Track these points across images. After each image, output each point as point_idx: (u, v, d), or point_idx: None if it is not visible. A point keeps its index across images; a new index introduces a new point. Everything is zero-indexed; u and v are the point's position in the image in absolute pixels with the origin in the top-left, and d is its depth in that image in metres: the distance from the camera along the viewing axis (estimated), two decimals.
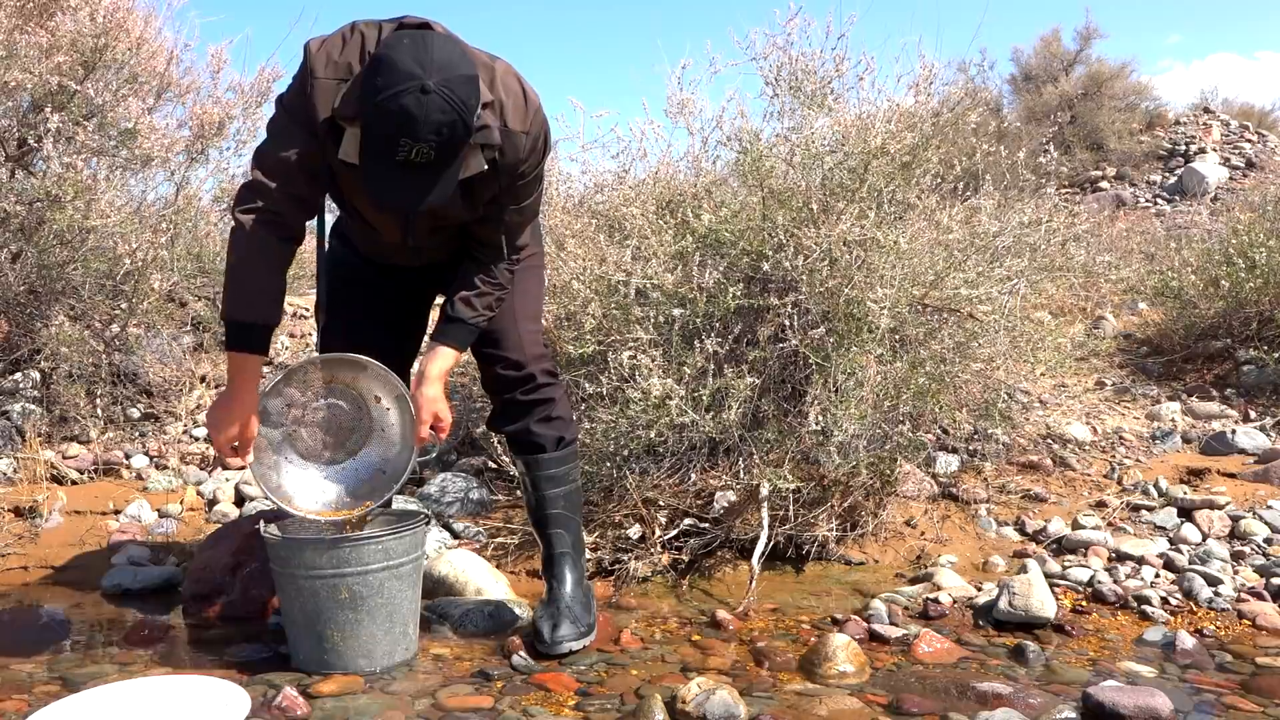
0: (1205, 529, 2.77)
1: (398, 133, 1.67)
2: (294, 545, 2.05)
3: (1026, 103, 11.82)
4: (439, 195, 1.78)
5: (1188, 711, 1.82)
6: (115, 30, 3.75)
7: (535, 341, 2.23)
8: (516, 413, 2.22)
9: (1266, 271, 4.25)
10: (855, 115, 3.13)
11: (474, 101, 1.72)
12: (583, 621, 2.16)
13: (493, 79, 1.87)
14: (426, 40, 1.71)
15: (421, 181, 1.75)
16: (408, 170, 1.72)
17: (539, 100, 1.94)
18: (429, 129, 1.66)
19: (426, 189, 1.76)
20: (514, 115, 1.88)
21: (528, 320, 2.23)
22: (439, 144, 1.69)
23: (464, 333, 2.09)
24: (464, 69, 1.72)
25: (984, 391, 3.13)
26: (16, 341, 3.66)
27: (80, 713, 1.75)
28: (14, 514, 3.03)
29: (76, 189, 3.47)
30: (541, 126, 1.94)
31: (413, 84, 1.64)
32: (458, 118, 1.68)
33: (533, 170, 1.98)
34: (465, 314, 2.07)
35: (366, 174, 1.77)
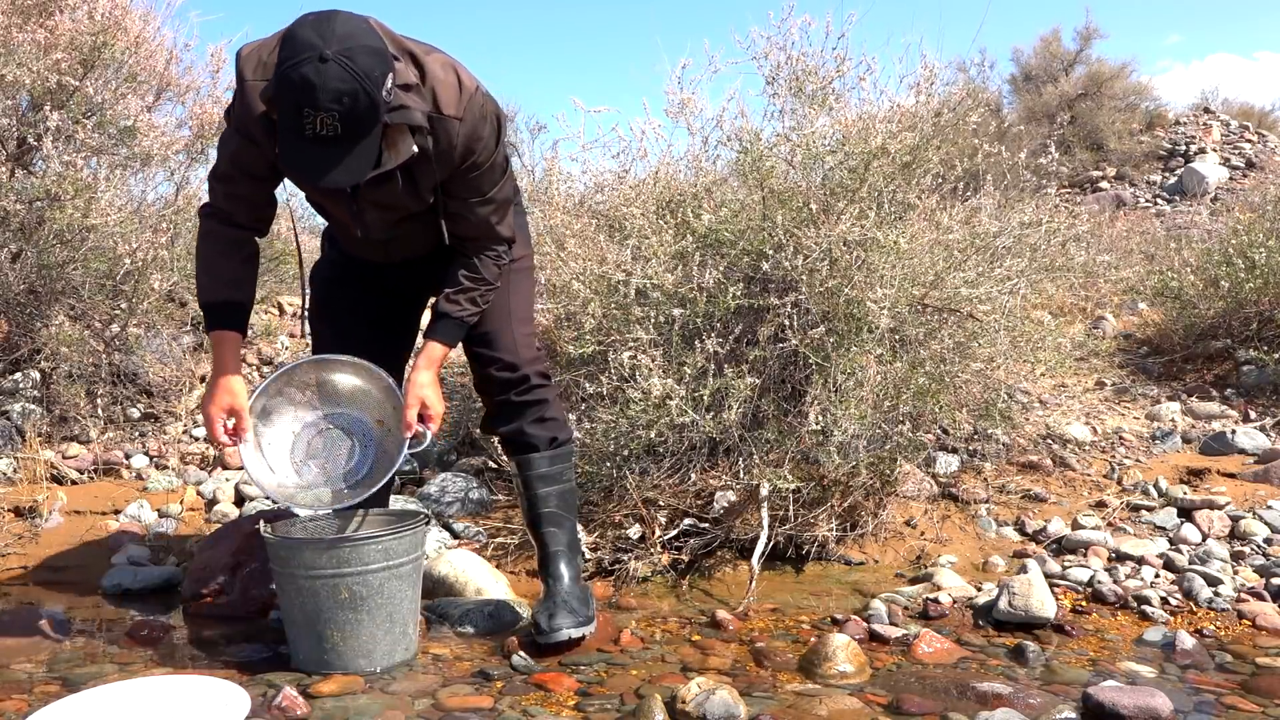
0: (1205, 529, 2.77)
1: (299, 102, 1.69)
2: (294, 545, 2.05)
3: (1026, 103, 11.82)
4: (353, 172, 1.79)
5: (1188, 711, 1.82)
6: (113, 29, 3.75)
7: (529, 344, 2.25)
8: (510, 414, 2.24)
9: (1266, 272, 4.24)
10: (856, 115, 3.12)
11: (377, 74, 1.73)
12: (581, 613, 2.16)
13: (423, 66, 1.88)
14: (330, 16, 1.74)
15: (331, 155, 1.76)
16: (317, 145, 1.74)
17: (477, 87, 1.94)
18: (328, 96, 1.67)
19: (335, 162, 1.76)
20: (446, 101, 1.89)
21: (521, 323, 2.25)
22: (342, 114, 1.70)
23: (451, 328, 2.11)
24: (366, 41, 1.73)
25: (984, 391, 3.13)
26: (16, 341, 3.66)
27: (80, 713, 1.75)
28: (14, 514, 3.03)
29: (76, 188, 3.47)
30: (481, 113, 1.93)
31: (311, 53, 1.68)
32: (358, 86, 1.69)
33: (485, 159, 1.97)
34: (450, 309, 2.09)
35: (281, 152, 1.80)
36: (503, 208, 2.09)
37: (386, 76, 1.75)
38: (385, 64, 1.76)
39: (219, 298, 2.05)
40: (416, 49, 1.91)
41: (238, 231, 2.05)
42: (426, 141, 1.90)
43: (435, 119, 1.89)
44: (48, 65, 3.52)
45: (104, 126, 3.78)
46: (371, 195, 1.99)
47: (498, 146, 2.00)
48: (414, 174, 1.95)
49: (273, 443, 2.14)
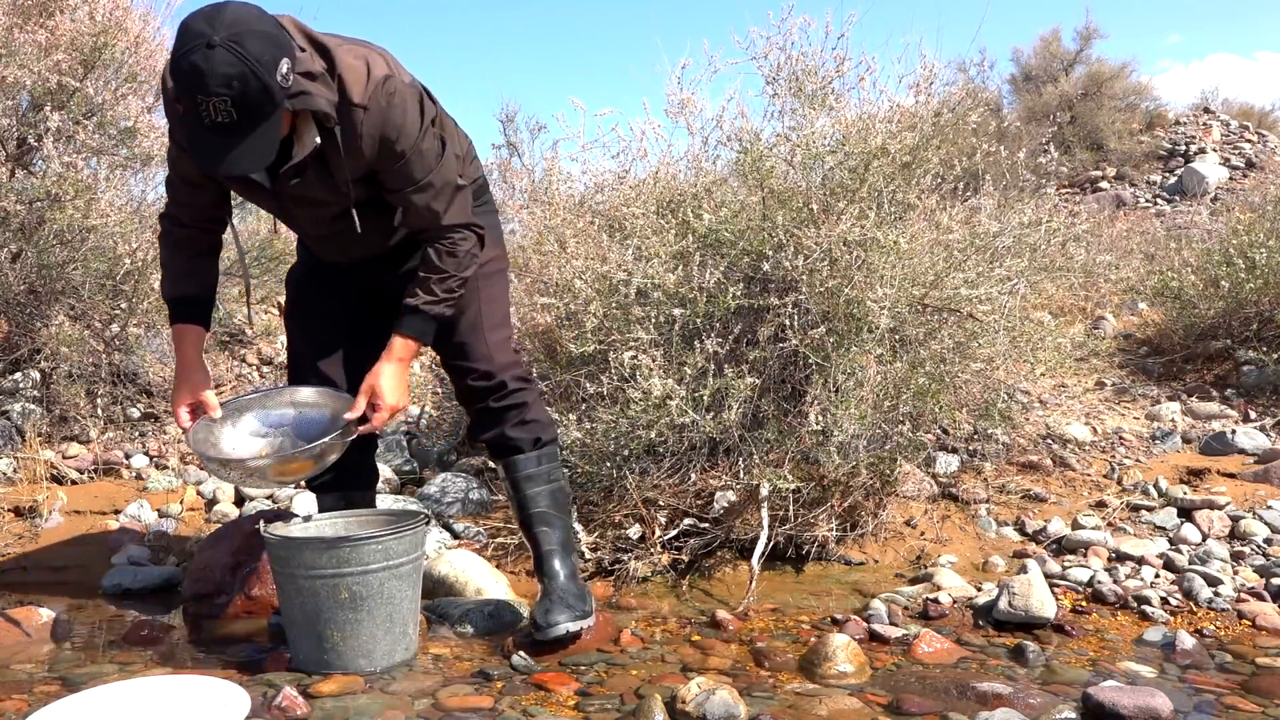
0: (1205, 529, 2.77)
1: (191, 90, 1.71)
2: (294, 545, 2.05)
3: (1026, 103, 11.82)
4: (251, 158, 1.79)
5: (1188, 712, 1.82)
6: (114, 29, 3.75)
7: (504, 349, 2.24)
8: (491, 420, 2.24)
9: (1266, 272, 4.24)
10: (856, 115, 3.12)
11: (268, 58, 1.72)
12: (578, 608, 2.15)
13: (332, 57, 1.89)
14: (222, 7, 1.75)
15: (229, 143, 1.76)
16: (216, 133, 1.75)
17: (388, 75, 1.92)
18: (217, 81, 1.68)
19: (232, 149, 1.77)
20: (353, 89, 1.89)
21: (494, 329, 2.23)
22: (233, 99, 1.71)
23: (415, 320, 2.07)
24: (256, 27, 1.74)
25: (984, 391, 3.13)
26: (16, 341, 3.66)
27: (80, 713, 1.75)
28: (14, 514, 3.03)
29: (77, 188, 3.47)
30: (391, 101, 1.92)
31: (199, 41, 1.69)
32: (246, 69, 1.69)
33: (407, 147, 1.95)
34: (410, 301, 2.07)
35: (189, 145, 1.83)
36: (444, 193, 2.04)
37: (279, 61, 1.75)
38: (278, 49, 1.75)
39: (174, 293, 2.14)
40: (330, 41, 1.91)
41: (186, 231, 2.13)
42: (336, 132, 1.90)
43: (343, 108, 1.89)
44: (48, 66, 3.52)
45: (104, 127, 3.78)
46: (291, 190, 2.00)
47: (421, 133, 1.97)
48: (328, 166, 1.95)
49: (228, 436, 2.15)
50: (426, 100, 2.02)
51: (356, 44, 1.96)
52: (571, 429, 2.74)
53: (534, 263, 3.46)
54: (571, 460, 2.76)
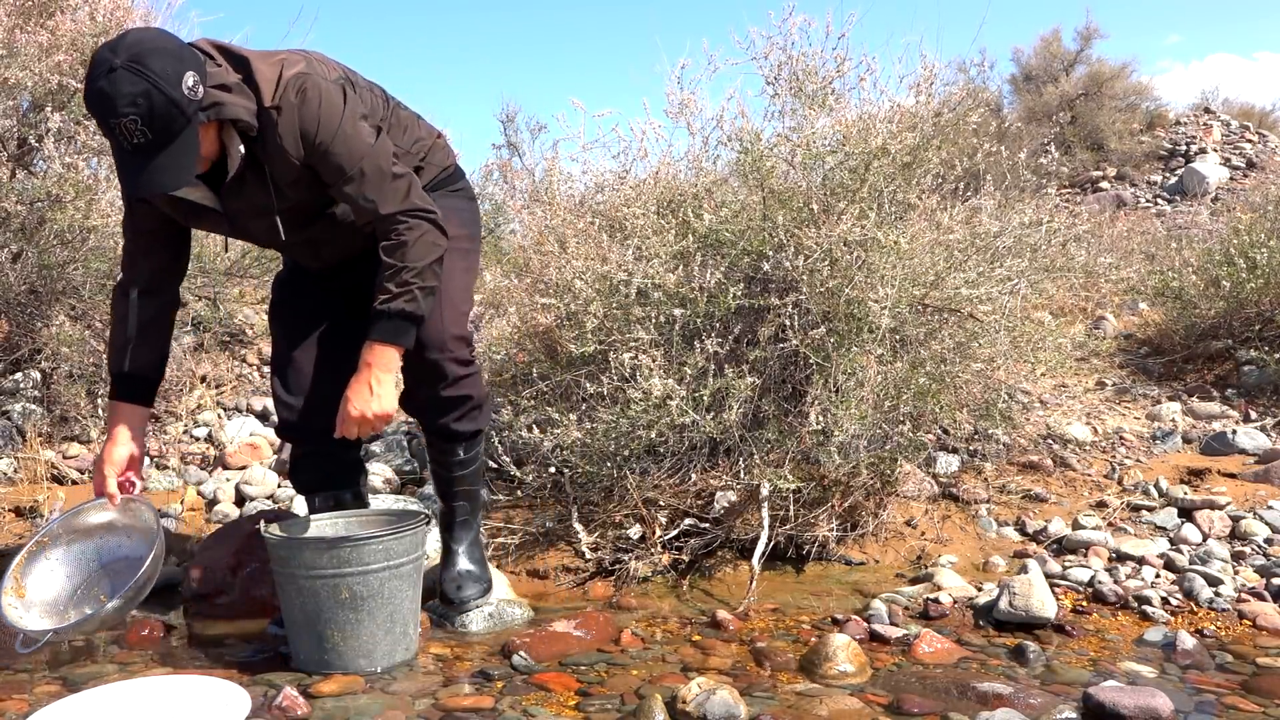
0: (1206, 529, 2.77)
1: (103, 115, 1.76)
2: (294, 545, 2.05)
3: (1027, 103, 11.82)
4: (172, 175, 1.83)
5: (1188, 712, 1.82)
6: (115, 29, 3.75)
7: (457, 323, 2.21)
8: (437, 409, 2.25)
9: (1267, 272, 4.24)
10: (856, 115, 3.12)
11: (171, 72, 1.76)
12: (483, 579, 2.37)
13: (248, 66, 1.92)
14: (124, 34, 1.81)
15: (149, 163, 1.80)
16: (137, 155, 1.79)
17: (298, 73, 1.94)
18: (123, 101, 1.73)
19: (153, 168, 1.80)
20: (265, 92, 1.92)
21: (450, 305, 2.20)
22: (141, 117, 1.75)
23: (381, 322, 2.03)
24: (156, 45, 1.78)
25: (984, 392, 3.13)
26: (17, 341, 3.66)
27: (80, 713, 1.75)
28: (14, 514, 3.03)
29: (77, 189, 3.47)
30: (304, 96, 1.93)
31: (102, 67, 1.74)
32: (148, 86, 1.73)
33: (329, 138, 1.96)
34: (375, 305, 2.03)
35: (118, 171, 1.85)
36: (375, 181, 2.02)
37: (183, 75, 1.78)
38: (180, 64, 1.79)
39: (114, 368, 2.17)
40: (250, 54, 1.95)
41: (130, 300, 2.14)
42: (259, 139, 1.93)
43: (260, 114, 1.92)
44: (49, 66, 3.52)
45: None
46: (237, 206, 2.03)
47: (341, 123, 1.97)
48: (267, 173, 1.97)
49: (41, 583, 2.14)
50: (350, 92, 2.03)
51: (279, 52, 2.00)
52: (572, 429, 2.74)
53: (534, 263, 3.46)
54: (571, 460, 2.76)
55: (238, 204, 2.03)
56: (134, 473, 2.15)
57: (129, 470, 2.14)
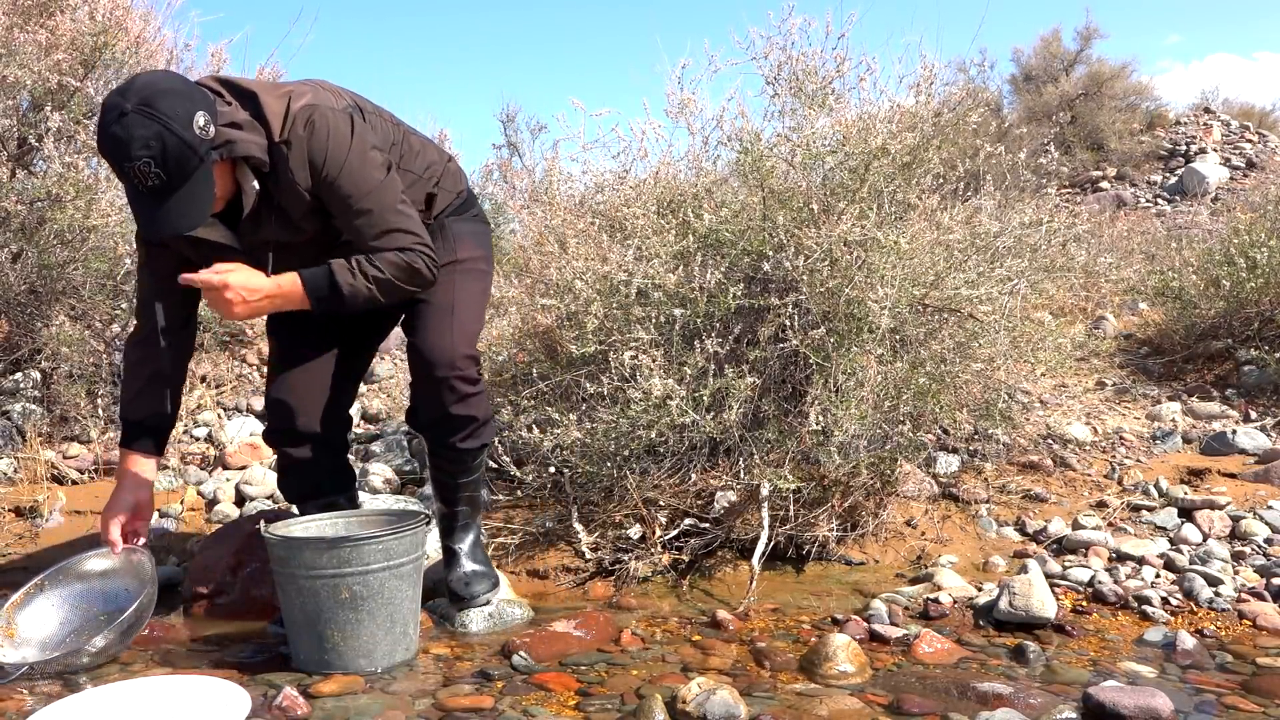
0: (1206, 529, 2.77)
1: (117, 160, 1.79)
2: (294, 545, 2.05)
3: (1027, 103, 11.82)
4: (188, 216, 1.86)
5: (1188, 712, 1.82)
6: (114, 29, 3.75)
7: (467, 342, 2.19)
8: (444, 429, 2.24)
9: (1267, 271, 4.24)
10: (856, 115, 3.12)
11: (182, 113, 1.79)
12: (490, 575, 2.37)
13: (257, 101, 1.94)
14: (133, 78, 1.85)
15: (164, 205, 1.83)
16: (152, 198, 1.83)
17: (306, 104, 1.96)
18: (137, 145, 1.76)
19: (168, 210, 1.83)
20: (274, 127, 1.94)
21: (463, 321, 2.19)
22: (157, 159, 1.78)
23: (321, 277, 1.99)
24: (165, 86, 1.82)
25: (984, 392, 3.13)
26: (17, 341, 3.67)
27: (80, 713, 1.75)
28: (14, 514, 3.04)
29: (77, 188, 3.47)
30: (313, 129, 1.94)
31: (114, 113, 1.77)
32: (160, 128, 1.76)
33: (335, 171, 1.97)
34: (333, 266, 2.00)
35: (134, 215, 1.89)
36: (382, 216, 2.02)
37: (194, 115, 1.81)
38: (191, 104, 1.82)
39: (125, 414, 2.20)
40: (258, 87, 1.97)
41: (143, 350, 2.17)
42: (271, 174, 1.95)
43: (270, 149, 1.94)
44: (49, 66, 3.52)
45: None
46: (256, 241, 2.05)
47: (349, 154, 1.98)
48: (282, 207, 1.99)
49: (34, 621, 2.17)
50: (359, 120, 2.03)
51: (286, 85, 2.01)
52: (572, 429, 2.73)
53: (534, 263, 3.46)
54: (572, 460, 2.76)
55: (255, 240, 2.04)
56: (140, 522, 2.18)
57: (135, 519, 2.17)
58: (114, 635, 2.06)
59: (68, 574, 2.22)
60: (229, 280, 1.96)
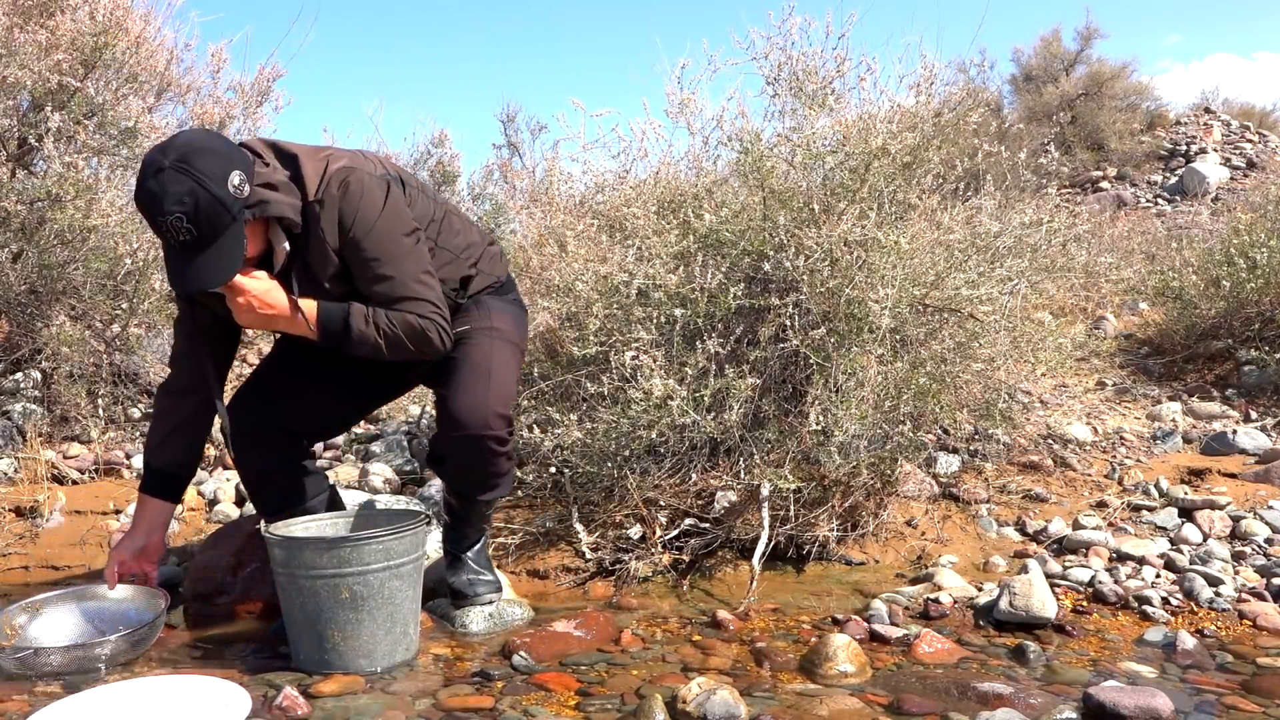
0: (1206, 529, 2.77)
1: (152, 215, 1.84)
2: (294, 545, 2.05)
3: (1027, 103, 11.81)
4: (216, 272, 1.90)
5: (1188, 712, 1.82)
6: (114, 29, 3.75)
7: (501, 399, 2.14)
8: (470, 485, 2.26)
9: (1267, 272, 4.24)
10: (856, 115, 3.12)
11: (218, 171, 1.84)
12: (492, 579, 2.37)
13: (297, 163, 1.99)
14: (174, 135, 1.91)
15: (194, 260, 1.87)
16: (183, 253, 1.87)
17: (343, 166, 2.00)
18: (170, 200, 1.81)
19: (197, 265, 1.87)
20: (310, 187, 1.98)
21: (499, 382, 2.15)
22: (189, 215, 1.82)
23: (337, 314, 2.01)
24: (204, 145, 1.87)
25: (985, 392, 3.13)
26: (17, 341, 3.66)
27: (80, 713, 1.75)
28: (15, 514, 3.03)
29: (77, 188, 3.47)
30: (346, 190, 1.98)
31: (152, 168, 1.83)
32: (194, 184, 1.81)
33: (364, 233, 1.99)
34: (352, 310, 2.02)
35: (166, 269, 1.92)
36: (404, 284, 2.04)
37: (229, 174, 1.85)
38: (227, 163, 1.86)
39: (147, 460, 2.24)
40: (301, 150, 2.01)
41: (171, 399, 2.22)
42: (303, 234, 1.99)
43: (305, 208, 1.98)
44: (49, 66, 3.52)
45: (105, 127, 3.78)
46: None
47: (379, 218, 2.00)
48: (308, 265, 2.02)
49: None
50: (396, 190, 2.05)
51: (327, 149, 2.05)
52: (572, 429, 2.74)
53: (534, 263, 3.46)
54: (572, 460, 2.76)
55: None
56: (149, 565, 2.21)
57: (144, 561, 2.20)
58: (124, 644, 2.06)
59: (83, 595, 2.26)
60: (246, 285, 1.98)
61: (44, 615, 2.19)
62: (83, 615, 2.23)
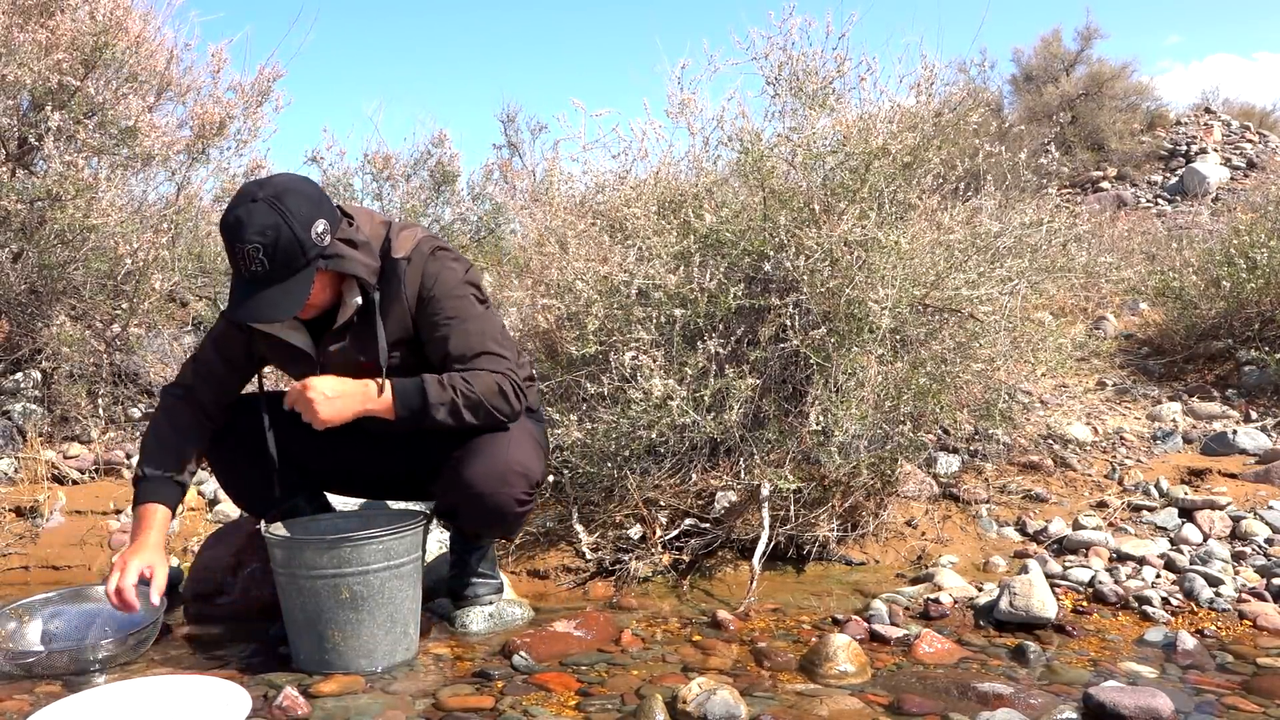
0: (1206, 529, 2.77)
1: (231, 239, 1.89)
2: (295, 545, 2.05)
3: (1027, 103, 11.82)
4: (278, 308, 1.93)
5: (1188, 712, 1.82)
6: (114, 29, 3.75)
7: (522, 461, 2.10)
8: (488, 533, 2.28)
9: (1268, 272, 4.24)
10: (856, 115, 3.12)
11: (305, 214, 1.89)
12: (494, 581, 2.37)
13: (389, 229, 2.07)
14: (273, 175, 1.98)
15: (260, 292, 1.91)
16: (252, 283, 1.91)
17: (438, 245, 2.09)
18: (253, 230, 1.86)
19: (262, 298, 1.91)
20: (400, 247, 2.04)
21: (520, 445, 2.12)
22: (265, 247, 1.86)
23: (413, 391, 1.99)
24: (300, 188, 1.93)
25: (985, 392, 3.13)
26: (18, 341, 3.66)
27: (80, 713, 1.75)
28: (15, 514, 3.04)
29: (77, 188, 3.47)
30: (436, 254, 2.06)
31: (245, 198, 1.90)
32: (280, 220, 1.87)
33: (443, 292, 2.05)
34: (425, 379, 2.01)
35: (230, 297, 1.95)
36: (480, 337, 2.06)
37: (315, 220, 1.91)
38: (316, 210, 1.93)
39: (141, 470, 2.11)
40: (398, 223, 2.10)
41: (187, 409, 2.17)
42: (372, 294, 2.02)
43: (388, 265, 2.04)
44: (49, 65, 3.52)
45: (105, 126, 3.78)
46: (332, 357, 2.08)
47: (459, 284, 2.07)
48: (369, 329, 2.04)
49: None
50: (475, 273, 2.14)
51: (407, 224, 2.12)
52: (572, 429, 2.74)
53: (535, 263, 3.46)
54: (572, 461, 2.76)
55: (334, 355, 2.07)
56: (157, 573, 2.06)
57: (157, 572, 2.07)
58: (122, 646, 2.06)
59: (81, 596, 2.26)
60: (309, 380, 1.97)
61: (41, 616, 2.19)
62: (81, 616, 2.23)
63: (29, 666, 2.00)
